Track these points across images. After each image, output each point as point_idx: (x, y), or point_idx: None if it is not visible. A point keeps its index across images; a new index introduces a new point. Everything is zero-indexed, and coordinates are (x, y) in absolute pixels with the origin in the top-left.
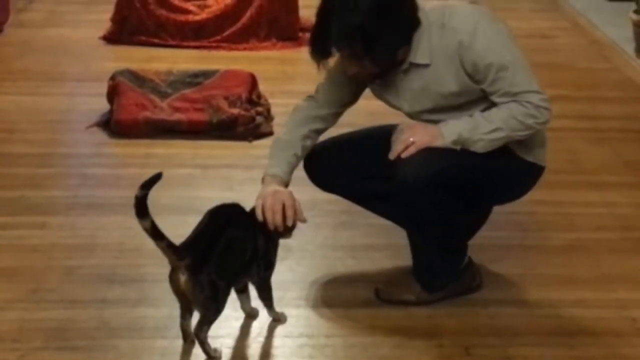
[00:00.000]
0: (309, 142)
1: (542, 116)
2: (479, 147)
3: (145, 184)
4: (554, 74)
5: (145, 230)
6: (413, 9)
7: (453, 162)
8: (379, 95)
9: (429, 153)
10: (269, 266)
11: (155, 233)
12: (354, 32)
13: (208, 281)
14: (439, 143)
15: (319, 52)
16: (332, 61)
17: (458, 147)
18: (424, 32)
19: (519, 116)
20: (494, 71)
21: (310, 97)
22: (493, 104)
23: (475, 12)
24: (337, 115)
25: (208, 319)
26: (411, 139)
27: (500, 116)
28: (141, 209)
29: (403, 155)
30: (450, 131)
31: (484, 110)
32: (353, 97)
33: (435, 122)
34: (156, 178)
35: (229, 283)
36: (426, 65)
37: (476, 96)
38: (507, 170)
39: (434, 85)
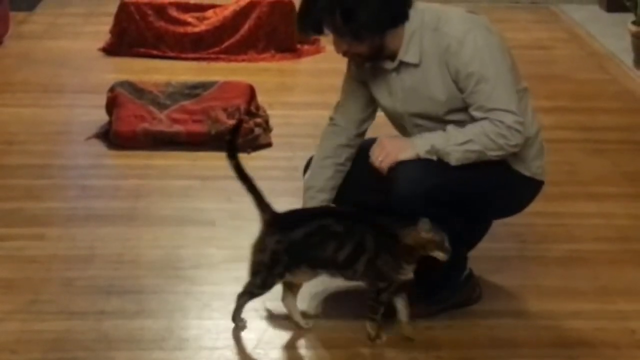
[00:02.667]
0: (338, 177)
1: (514, 138)
2: (453, 159)
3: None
4: (552, 85)
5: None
6: None
7: (447, 176)
8: (377, 99)
9: (424, 168)
10: (379, 278)
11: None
12: (333, 5)
13: (273, 248)
14: (408, 154)
15: (306, 26)
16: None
17: (434, 157)
18: (416, 32)
19: (491, 134)
20: (474, 82)
21: (330, 121)
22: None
23: (470, 21)
24: (358, 135)
25: (251, 289)
26: (379, 159)
27: (472, 131)
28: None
29: (380, 173)
30: (424, 142)
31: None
32: (370, 103)
33: (422, 127)
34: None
35: (292, 264)
36: (415, 65)
37: (461, 105)
38: (504, 184)
39: (423, 88)
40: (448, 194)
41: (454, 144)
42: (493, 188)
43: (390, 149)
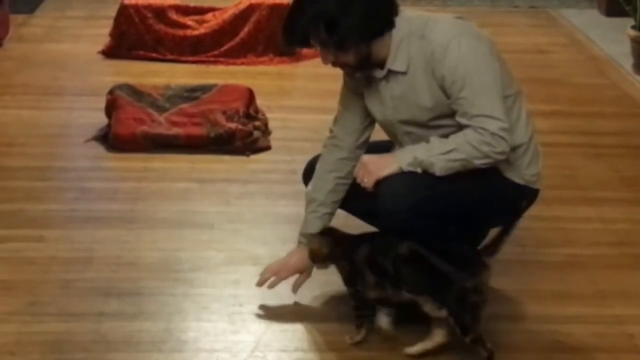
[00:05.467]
0: (339, 191)
1: (499, 145)
2: (437, 169)
3: None
4: (550, 89)
5: None
6: (385, 7)
7: (435, 189)
8: (369, 108)
9: (408, 182)
10: None
11: None
12: (317, 17)
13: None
14: (390, 170)
15: (291, 40)
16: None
17: (418, 170)
18: (403, 40)
19: (474, 142)
20: (457, 89)
21: (330, 134)
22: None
23: (456, 27)
24: (359, 147)
25: None
26: (364, 179)
27: (455, 140)
28: None
29: (367, 191)
30: (406, 155)
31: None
32: (367, 114)
33: (413, 134)
34: None
35: None
36: (403, 73)
37: (450, 111)
38: (495, 194)
39: (411, 95)
40: (436, 206)
41: (437, 153)
42: (484, 198)
43: (372, 167)
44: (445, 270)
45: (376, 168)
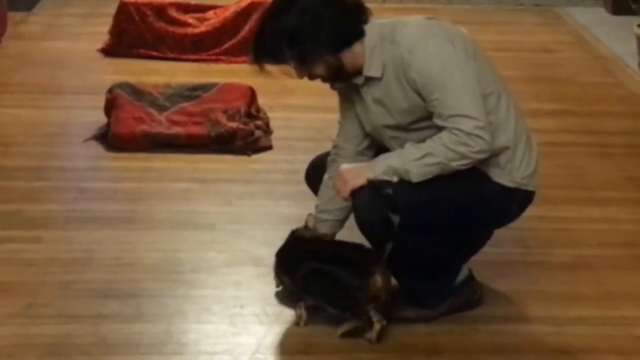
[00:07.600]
0: (340, 199)
1: (476, 144)
2: (413, 176)
3: None
4: (557, 88)
5: None
6: (348, 18)
7: (411, 199)
8: (360, 118)
9: (380, 194)
10: None
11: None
12: (277, 34)
13: None
14: (363, 179)
15: (256, 57)
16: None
17: (394, 178)
18: (376, 46)
19: (450, 144)
20: (430, 91)
21: (333, 144)
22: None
23: (424, 29)
24: (359, 153)
25: None
26: (339, 189)
27: (430, 144)
28: None
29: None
30: (380, 164)
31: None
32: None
33: (399, 138)
34: None
35: None
36: (379, 79)
37: (428, 114)
38: (481, 199)
39: (388, 100)
40: (413, 217)
41: (411, 160)
42: (468, 204)
43: (348, 177)
44: (335, 271)
45: (351, 177)
